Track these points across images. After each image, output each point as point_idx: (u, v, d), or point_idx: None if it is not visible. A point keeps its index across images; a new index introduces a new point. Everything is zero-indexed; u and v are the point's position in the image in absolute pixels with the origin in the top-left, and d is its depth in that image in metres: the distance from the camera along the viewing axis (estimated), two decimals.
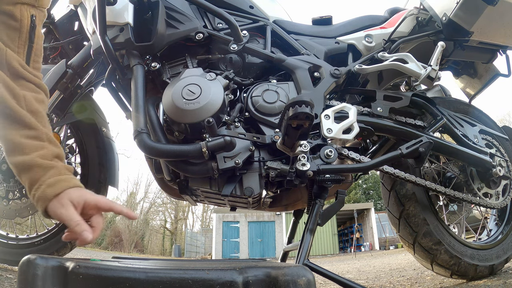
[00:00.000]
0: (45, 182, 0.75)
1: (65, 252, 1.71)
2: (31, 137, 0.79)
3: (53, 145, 0.81)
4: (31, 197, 0.77)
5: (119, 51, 1.22)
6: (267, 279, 0.59)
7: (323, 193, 1.14)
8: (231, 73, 1.25)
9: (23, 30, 0.83)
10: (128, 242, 25.57)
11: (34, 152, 0.78)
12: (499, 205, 1.54)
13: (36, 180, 0.76)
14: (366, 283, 2.21)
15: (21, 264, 0.57)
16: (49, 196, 0.74)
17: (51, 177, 0.76)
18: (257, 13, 1.45)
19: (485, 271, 1.54)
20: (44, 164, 0.77)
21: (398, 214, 1.57)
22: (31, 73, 0.85)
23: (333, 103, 1.32)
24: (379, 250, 15.60)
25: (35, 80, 0.85)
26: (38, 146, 0.79)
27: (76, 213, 0.75)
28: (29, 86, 0.84)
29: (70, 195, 0.76)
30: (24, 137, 0.79)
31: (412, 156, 1.16)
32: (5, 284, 1.36)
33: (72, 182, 0.78)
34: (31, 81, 0.84)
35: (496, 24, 1.51)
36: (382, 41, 1.51)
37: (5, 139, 0.80)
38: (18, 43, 0.83)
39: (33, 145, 0.78)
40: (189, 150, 1.06)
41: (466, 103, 1.75)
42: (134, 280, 0.56)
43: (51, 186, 0.75)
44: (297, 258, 1.02)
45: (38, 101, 0.84)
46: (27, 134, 0.79)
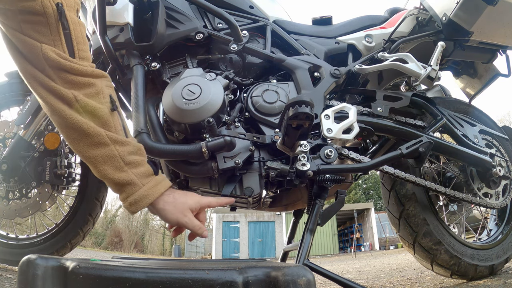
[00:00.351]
0: (127, 201, 0.79)
1: (65, 252, 1.71)
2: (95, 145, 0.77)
3: (120, 145, 0.79)
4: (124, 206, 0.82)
5: (119, 51, 1.22)
6: (267, 279, 0.59)
7: (323, 193, 1.14)
8: (231, 73, 1.25)
9: (51, 21, 0.75)
10: (128, 242, 25.57)
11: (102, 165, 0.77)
12: (499, 205, 1.54)
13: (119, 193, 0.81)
14: (366, 283, 2.21)
15: (21, 264, 0.57)
16: (131, 212, 0.82)
17: (130, 195, 0.79)
18: (257, 13, 1.45)
19: (485, 271, 1.54)
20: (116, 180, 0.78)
21: (398, 214, 1.57)
22: (77, 63, 0.78)
23: (333, 103, 1.32)
24: (379, 250, 15.60)
25: (81, 69, 0.79)
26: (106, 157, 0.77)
27: (195, 220, 0.87)
28: (76, 80, 0.78)
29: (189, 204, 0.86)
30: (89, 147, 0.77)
31: (412, 156, 1.16)
32: (5, 284, 1.36)
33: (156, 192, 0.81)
34: (77, 72, 0.78)
35: (496, 24, 1.51)
36: (382, 41, 1.51)
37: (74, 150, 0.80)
38: (52, 36, 0.76)
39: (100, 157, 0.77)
40: (189, 150, 1.06)
41: (466, 103, 1.75)
42: (134, 280, 0.56)
43: (133, 205, 0.80)
44: (297, 258, 1.02)
45: (90, 96, 0.79)
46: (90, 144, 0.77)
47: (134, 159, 0.80)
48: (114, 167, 0.77)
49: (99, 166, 0.78)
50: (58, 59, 0.76)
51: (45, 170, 1.54)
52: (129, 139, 0.83)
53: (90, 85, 0.80)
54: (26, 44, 0.75)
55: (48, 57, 0.75)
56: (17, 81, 1.65)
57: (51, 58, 0.75)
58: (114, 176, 0.77)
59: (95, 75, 0.82)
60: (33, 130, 1.56)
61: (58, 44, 0.77)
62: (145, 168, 0.82)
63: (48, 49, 0.75)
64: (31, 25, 0.75)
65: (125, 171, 0.78)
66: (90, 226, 1.73)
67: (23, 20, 0.74)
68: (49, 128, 1.58)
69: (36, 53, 0.75)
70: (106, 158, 0.77)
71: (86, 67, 0.80)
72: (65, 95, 0.76)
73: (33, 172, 1.56)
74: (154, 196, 0.81)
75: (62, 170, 1.56)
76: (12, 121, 1.61)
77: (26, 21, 0.74)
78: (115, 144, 0.78)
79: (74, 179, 1.68)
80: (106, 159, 0.77)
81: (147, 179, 0.81)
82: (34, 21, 0.74)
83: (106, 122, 0.79)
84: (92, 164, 0.79)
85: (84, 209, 1.69)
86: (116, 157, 0.78)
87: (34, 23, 0.75)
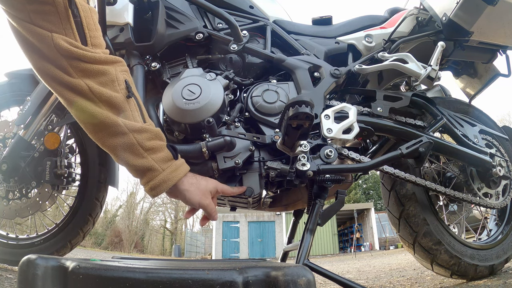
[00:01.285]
0: (148, 186, 0.82)
1: (65, 252, 1.71)
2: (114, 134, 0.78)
3: (137, 133, 0.80)
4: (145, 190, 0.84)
5: (119, 51, 1.22)
6: (267, 279, 0.59)
7: (323, 193, 1.14)
8: (231, 73, 1.25)
9: (61, 9, 0.74)
10: (128, 242, 25.57)
11: (122, 153, 0.79)
12: (499, 205, 1.54)
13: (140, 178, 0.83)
14: (366, 283, 2.21)
15: (21, 264, 0.57)
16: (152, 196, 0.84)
17: (151, 180, 0.81)
18: (257, 13, 1.45)
19: (485, 271, 1.54)
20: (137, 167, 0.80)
21: (398, 214, 1.57)
22: (89, 51, 0.77)
23: (333, 103, 1.32)
24: (379, 250, 15.60)
25: (94, 57, 0.77)
26: (125, 145, 0.78)
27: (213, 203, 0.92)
28: (89, 68, 0.77)
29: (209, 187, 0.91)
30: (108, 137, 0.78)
31: (412, 156, 1.16)
32: (5, 284, 1.36)
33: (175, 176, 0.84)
34: (90, 60, 0.77)
35: (496, 24, 1.51)
36: (382, 41, 1.51)
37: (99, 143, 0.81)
38: (62, 25, 0.74)
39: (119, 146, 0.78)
40: (189, 150, 1.06)
41: (466, 103, 1.75)
42: (134, 280, 0.56)
43: (153, 189, 0.82)
44: (297, 258, 1.02)
45: (105, 84, 0.78)
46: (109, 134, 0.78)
47: (153, 145, 0.82)
48: (134, 154, 0.79)
49: (120, 154, 0.79)
50: (70, 47, 0.74)
51: (45, 170, 1.54)
52: (147, 125, 0.83)
53: (104, 73, 0.79)
54: (37, 34, 0.73)
55: (60, 46, 0.73)
56: (17, 81, 1.65)
57: (63, 47, 0.74)
58: (135, 163, 0.79)
59: (109, 62, 0.81)
60: (33, 130, 1.56)
61: (69, 33, 0.75)
62: (165, 153, 0.84)
63: (59, 38, 0.74)
64: (41, 15, 0.73)
65: (145, 157, 0.80)
66: (90, 226, 1.73)
67: (32, 10, 0.72)
68: (49, 128, 1.58)
69: (48, 43, 0.73)
70: (126, 146, 0.79)
71: (99, 54, 0.79)
72: (79, 87, 0.76)
73: (33, 172, 1.56)
74: (174, 181, 0.84)
75: (62, 170, 1.56)
76: (12, 121, 1.61)
77: (35, 11, 0.73)
78: (133, 132, 0.80)
79: (74, 179, 1.68)
80: (126, 147, 0.79)
81: (166, 164, 0.83)
82: (43, 10, 0.73)
83: (122, 110, 0.80)
84: (113, 152, 0.80)
85: (84, 209, 1.69)
86: (135, 144, 0.79)
87: (43, 12, 0.73)
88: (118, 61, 0.84)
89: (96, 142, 0.82)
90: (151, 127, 0.84)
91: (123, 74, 0.83)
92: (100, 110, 0.77)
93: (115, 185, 1.77)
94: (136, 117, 0.82)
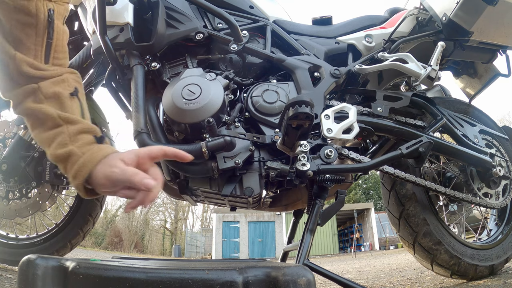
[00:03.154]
0: (70, 175, 0.71)
1: (65, 252, 1.71)
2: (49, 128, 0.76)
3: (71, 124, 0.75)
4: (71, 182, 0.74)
5: (119, 51, 1.22)
6: (267, 279, 0.59)
7: (323, 193, 1.14)
8: (231, 73, 1.25)
9: (40, 26, 0.78)
10: (128, 242, 25.57)
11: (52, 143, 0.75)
12: (499, 205, 1.54)
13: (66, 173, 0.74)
14: (366, 283, 2.21)
15: (21, 264, 0.57)
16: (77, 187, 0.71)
17: (72, 168, 0.70)
18: (257, 13, 1.45)
19: (485, 271, 1.54)
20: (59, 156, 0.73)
21: (398, 214, 1.57)
22: (48, 70, 0.80)
23: (333, 103, 1.32)
24: (379, 250, 15.60)
25: (52, 74, 0.81)
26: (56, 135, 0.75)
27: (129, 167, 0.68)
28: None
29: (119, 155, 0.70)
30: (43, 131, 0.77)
31: (412, 156, 1.16)
32: (5, 284, 1.36)
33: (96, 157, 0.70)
34: (49, 77, 0.80)
35: (496, 24, 1.51)
36: (382, 41, 1.51)
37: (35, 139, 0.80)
38: (35, 40, 0.78)
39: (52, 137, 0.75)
40: (189, 150, 1.06)
41: (466, 103, 1.75)
42: (134, 280, 0.56)
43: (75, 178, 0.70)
44: (297, 258, 1.02)
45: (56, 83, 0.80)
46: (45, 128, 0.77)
47: (81, 137, 0.75)
48: (58, 144, 0.74)
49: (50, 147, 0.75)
50: (30, 70, 0.78)
51: (45, 170, 1.54)
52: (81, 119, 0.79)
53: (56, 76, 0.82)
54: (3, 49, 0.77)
55: (20, 69, 0.77)
56: None
57: (25, 71, 0.77)
58: (57, 152, 0.73)
59: (64, 71, 0.84)
60: None
61: (38, 50, 0.79)
62: (87, 139, 0.75)
63: (21, 61, 0.77)
64: (21, 25, 0.77)
65: (66, 146, 0.73)
66: (90, 226, 1.73)
67: (15, 19, 0.76)
68: None
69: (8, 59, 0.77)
70: (56, 135, 0.75)
71: (56, 70, 0.82)
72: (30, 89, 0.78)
73: (33, 172, 1.56)
74: (95, 161, 0.69)
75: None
76: (12, 121, 1.61)
77: (18, 20, 0.76)
78: (67, 123, 0.76)
79: None
80: (56, 136, 0.75)
81: (87, 147, 0.73)
82: (25, 21, 0.77)
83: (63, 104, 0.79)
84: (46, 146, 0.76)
85: (84, 209, 1.69)
86: (63, 133, 0.75)
87: (24, 23, 0.77)
88: (74, 72, 0.87)
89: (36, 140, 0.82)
90: (86, 122, 0.80)
91: (75, 82, 0.85)
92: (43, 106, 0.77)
93: None
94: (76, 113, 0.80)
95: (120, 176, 0.67)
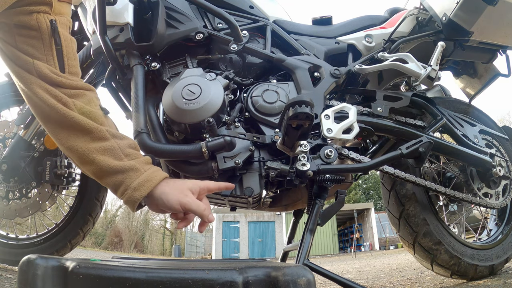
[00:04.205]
0: (130, 187, 0.77)
1: (65, 252, 1.71)
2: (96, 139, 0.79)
3: (119, 139, 0.81)
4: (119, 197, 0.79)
5: (119, 51, 1.22)
6: (267, 279, 0.59)
7: (323, 193, 1.14)
8: (231, 73, 1.25)
9: (45, 36, 0.80)
10: (128, 242, 25.57)
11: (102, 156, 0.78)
12: (499, 205, 1.54)
13: (118, 185, 0.79)
14: (366, 283, 2.21)
15: (21, 264, 0.57)
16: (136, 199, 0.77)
17: (134, 181, 0.78)
18: (257, 13, 1.45)
19: (485, 271, 1.54)
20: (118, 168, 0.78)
21: (398, 214, 1.57)
22: (67, 78, 0.82)
23: (333, 103, 1.32)
24: (379, 250, 15.60)
25: (72, 84, 0.82)
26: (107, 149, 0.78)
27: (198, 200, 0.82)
28: (68, 93, 0.81)
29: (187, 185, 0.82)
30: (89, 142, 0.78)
31: (412, 156, 1.16)
32: (5, 284, 1.36)
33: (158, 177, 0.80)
34: (69, 86, 0.82)
35: (496, 24, 1.51)
36: (382, 41, 1.51)
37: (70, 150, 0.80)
38: (45, 51, 0.80)
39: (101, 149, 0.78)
40: (189, 150, 1.06)
41: (466, 103, 1.75)
42: (134, 280, 0.56)
43: (137, 190, 0.77)
44: (297, 258, 1.02)
45: (86, 103, 0.82)
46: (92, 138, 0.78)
47: (131, 152, 0.82)
48: (114, 157, 0.79)
49: (99, 158, 0.78)
50: (51, 74, 0.79)
51: (45, 170, 1.54)
52: (125, 135, 0.85)
53: (82, 95, 0.84)
54: (19, 58, 0.78)
55: (41, 72, 0.78)
56: None
57: (44, 73, 0.78)
58: (116, 164, 0.78)
59: (84, 88, 0.86)
60: (33, 130, 1.56)
61: (50, 59, 0.81)
62: (145, 158, 0.84)
63: (40, 65, 0.78)
64: (26, 38, 0.78)
65: (125, 161, 0.79)
66: (90, 226, 1.73)
67: (18, 34, 0.78)
68: None
69: (29, 68, 0.78)
70: (107, 149, 0.79)
71: (76, 81, 0.84)
72: (63, 97, 0.79)
73: (33, 172, 1.56)
74: (157, 180, 0.79)
75: (62, 170, 1.56)
76: (12, 121, 1.61)
77: (21, 35, 0.78)
78: (115, 138, 0.81)
79: (74, 179, 1.68)
80: (107, 150, 0.79)
81: (147, 165, 0.82)
82: (28, 35, 0.78)
83: (102, 122, 0.82)
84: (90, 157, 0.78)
85: (84, 209, 1.69)
86: (116, 148, 0.79)
87: (28, 37, 0.78)
88: (92, 90, 0.88)
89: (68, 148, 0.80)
90: (129, 137, 0.86)
91: (97, 100, 0.88)
92: (83, 118, 0.79)
93: None
94: (115, 129, 0.85)
95: (194, 207, 0.80)
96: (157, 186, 0.79)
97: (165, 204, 0.79)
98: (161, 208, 0.81)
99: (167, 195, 0.79)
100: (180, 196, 0.80)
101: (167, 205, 0.79)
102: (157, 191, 0.79)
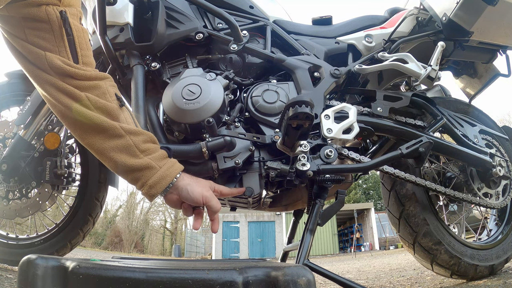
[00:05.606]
0: (147, 184, 0.81)
1: (65, 252, 1.71)
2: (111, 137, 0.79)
3: (134, 135, 0.82)
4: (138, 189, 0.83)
5: (119, 51, 1.22)
6: (267, 279, 0.59)
7: (323, 193, 1.14)
8: (231, 73, 1.25)
9: (55, 28, 0.78)
10: (128, 242, 25.57)
11: (118, 154, 0.79)
12: (499, 205, 1.54)
13: (136, 181, 0.82)
14: (366, 283, 2.21)
15: (21, 264, 0.57)
16: (152, 195, 0.82)
17: (150, 178, 0.81)
18: (257, 13, 1.45)
19: (485, 271, 1.54)
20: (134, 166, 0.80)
21: (398, 214, 1.57)
22: (81, 68, 0.81)
23: (333, 103, 1.32)
24: (379, 250, 15.60)
25: (85, 74, 0.81)
26: (122, 147, 0.80)
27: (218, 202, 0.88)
28: (82, 85, 0.80)
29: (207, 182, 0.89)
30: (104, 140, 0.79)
31: (412, 156, 1.16)
32: (5, 284, 1.36)
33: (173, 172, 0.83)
34: (83, 77, 0.81)
35: (496, 24, 1.51)
36: (382, 41, 1.51)
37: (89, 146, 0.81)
38: (56, 42, 0.78)
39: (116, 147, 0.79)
40: (189, 150, 1.06)
41: (466, 103, 1.75)
42: (134, 280, 0.56)
43: (153, 187, 0.81)
44: (297, 258, 1.02)
45: (100, 96, 0.82)
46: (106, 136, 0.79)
47: (148, 147, 0.83)
48: (130, 155, 0.80)
49: (115, 156, 0.79)
50: (63, 66, 0.78)
51: (45, 170, 1.54)
52: (141, 129, 0.86)
53: (96, 87, 0.83)
54: (31, 52, 0.77)
55: (53, 64, 0.77)
56: (17, 81, 1.65)
57: (56, 65, 0.77)
58: (132, 163, 0.80)
59: (98, 78, 0.85)
60: (33, 130, 1.56)
61: (62, 50, 0.79)
62: (160, 153, 0.85)
63: (52, 57, 0.77)
64: (36, 31, 0.77)
65: (141, 158, 0.81)
66: (90, 226, 1.73)
67: (28, 27, 0.76)
68: (49, 128, 1.58)
69: (41, 61, 0.77)
70: (122, 148, 0.80)
71: (89, 72, 0.83)
72: (77, 93, 0.79)
73: (33, 172, 1.56)
74: (172, 176, 0.83)
75: (62, 170, 1.56)
76: (12, 121, 1.61)
77: (31, 28, 0.77)
78: (129, 134, 0.81)
79: (74, 179, 1.68)
80: (122, 149, 0.80)
81: (163, 161, 0.84)
82: (38, 27, 0.77)
83: (117, 117, 0.82)
84: (107, 155, 0.80)
85: (84, 209, 1.69)
86: (131, 146, 0.81)
87: (38, 29, 0.77)
88: (107, 77, 0.88)
89: (89, 147, 0.82)
90: (145, 131, 0.87)
91: (113, 88, 0.87)
92: (97, 115, 0.79)
93: (115, 185, 1.77)
94: (131, 123, 0.85)
95: (214, 202, 0.87)
96: (180, 178, 0.84)
97: (189, 195, 0.83)
98: (183, 198, 0.84)
99: (192, 186, 0.84)
100: (204, 189, 0.85)
101: (190, 196, 0.84)
102: (182, 182, 0.84)
